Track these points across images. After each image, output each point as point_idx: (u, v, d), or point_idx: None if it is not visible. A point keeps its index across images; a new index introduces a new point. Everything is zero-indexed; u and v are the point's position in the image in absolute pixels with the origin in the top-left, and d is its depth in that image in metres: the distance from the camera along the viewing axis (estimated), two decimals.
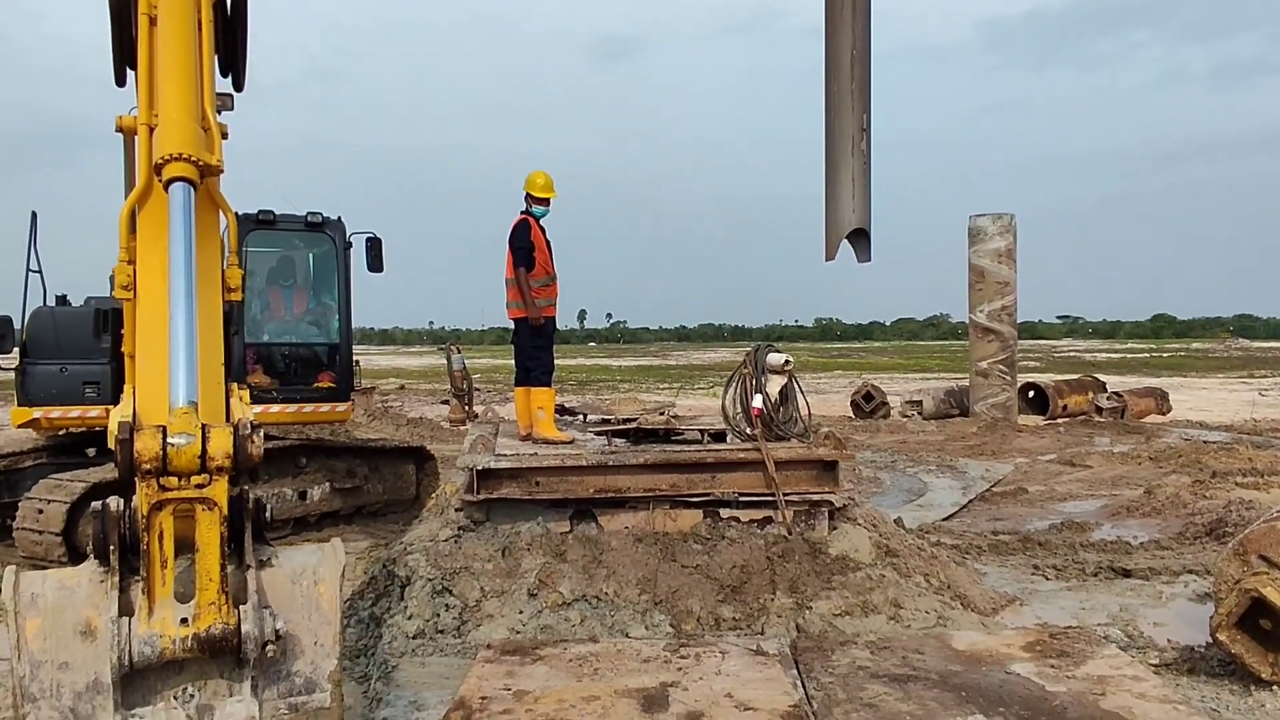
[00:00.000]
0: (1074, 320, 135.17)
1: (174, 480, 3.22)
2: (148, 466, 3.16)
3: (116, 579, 3.27)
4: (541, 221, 7.26)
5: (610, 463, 6.45)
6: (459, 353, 20.73)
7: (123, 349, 8.62)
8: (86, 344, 8.73)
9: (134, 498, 3.31)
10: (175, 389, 3.37)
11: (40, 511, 7.48)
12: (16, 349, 8.78)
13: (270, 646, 3.27)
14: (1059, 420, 19.40)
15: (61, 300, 9.12)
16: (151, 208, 4.13)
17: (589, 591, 5.88)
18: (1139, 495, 10.31)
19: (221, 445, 3.24)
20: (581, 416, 8.61)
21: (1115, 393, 20.53)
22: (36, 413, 8.55)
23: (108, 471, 7.84)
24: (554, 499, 6.39)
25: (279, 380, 9.32)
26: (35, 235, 8.82)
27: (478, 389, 25.62)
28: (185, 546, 3.32)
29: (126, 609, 3.23)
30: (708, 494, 6.50)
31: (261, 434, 3.40)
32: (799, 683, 4.68)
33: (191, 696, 3.28)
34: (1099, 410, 19.70)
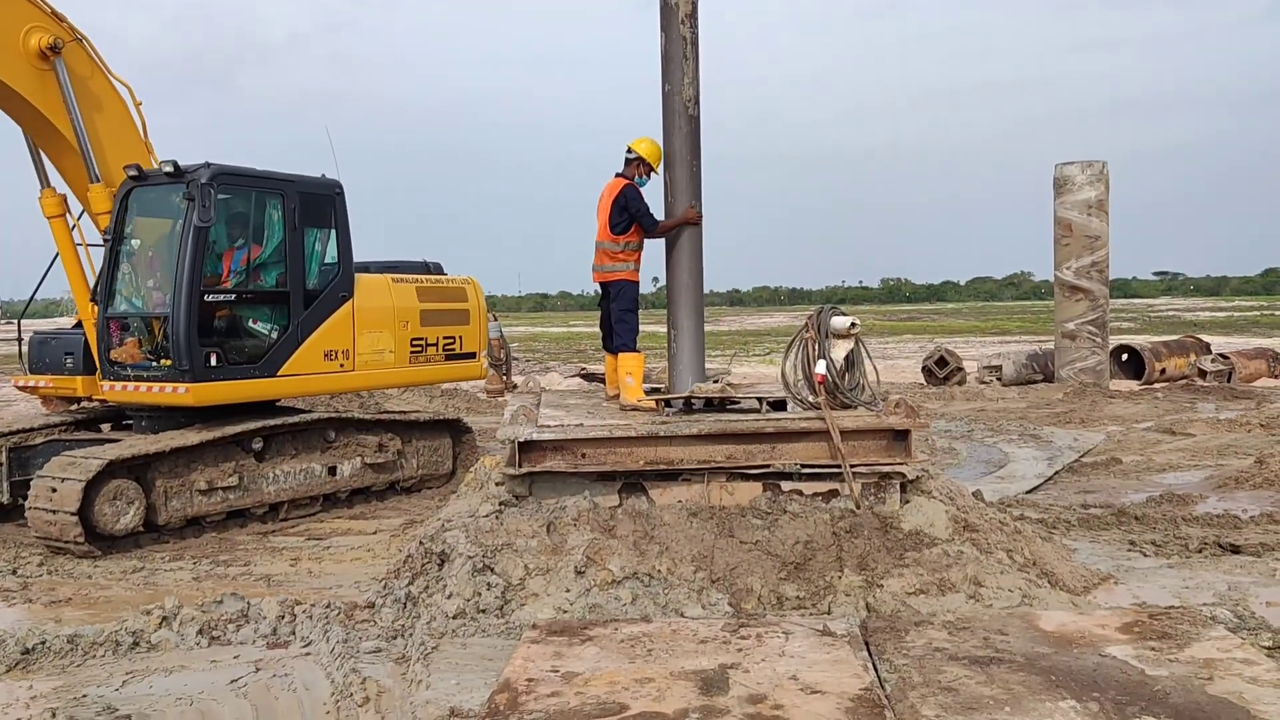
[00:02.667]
0: (1173, 276, 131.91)
1: None
2: None
3: None
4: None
5: (662, 433, 6.46)
6: (496, 320, 20.88)
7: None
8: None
9: None
10: None
11: (54, 490, 7.69)
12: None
13: None
14: (1156, 385, 19.02)
15: None
16: None
17: (640, 569, 5.92)
18: (1249, 465, 10.08)
19: None
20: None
21: (1221, 354, 20.05)
22: (33, 381, 9.21)
23: (124, 448, 8.05)
24: (602, 472, 6.43)
25: (148, 355, 8.65)
26: None
27: (516, 358, 25.81)
28: None
29: None
30: (767, 466, 6.49)
31: None
32: (870, 665, 4.68)
33: None
34: (1202, 374, 19.27)
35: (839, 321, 6.91)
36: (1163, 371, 19.49)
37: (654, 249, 7.67)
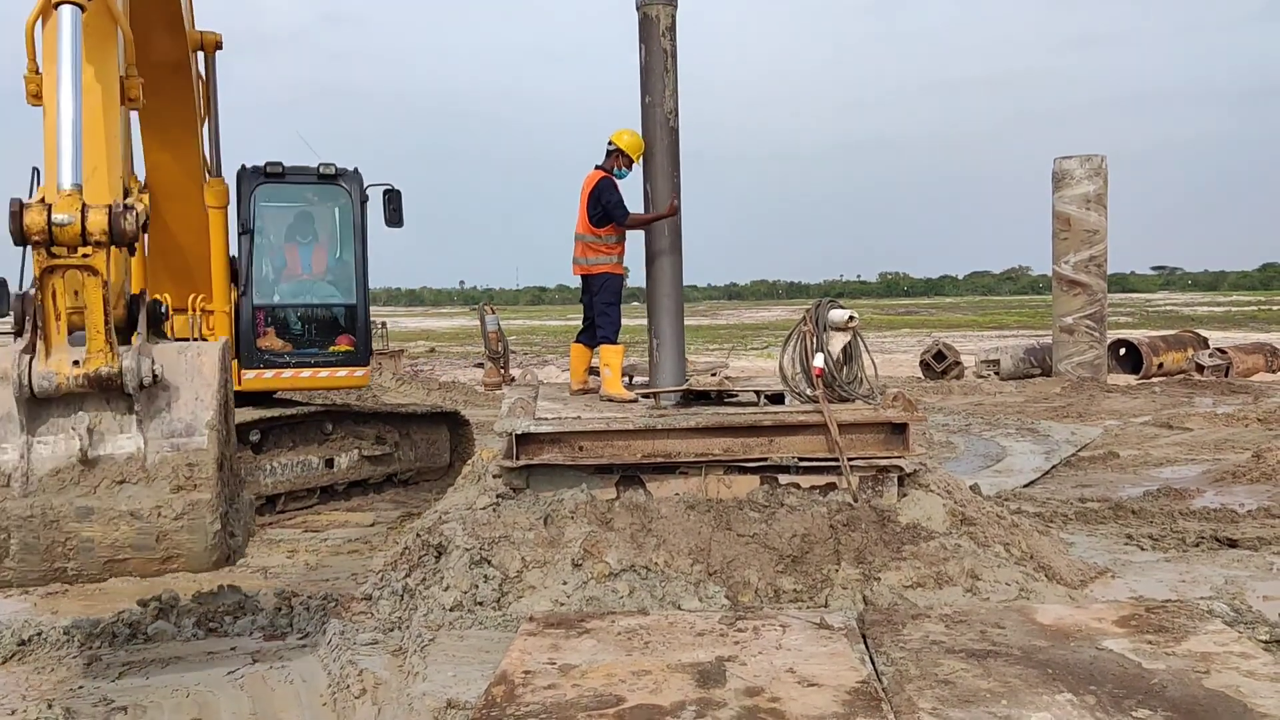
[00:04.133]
0: (1171, 271, 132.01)
1: (62, 250, 4.01)
2: (36, 238, 3.93)
3: (26, 337, 4.14)
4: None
5: (659, 426, 6.46)
6: (493, 313, 20.87)
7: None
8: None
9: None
10: (62, 173, 4.11)
11: None
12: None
13: (147, 382, 4.12)
14: (1154, 379, 19.05)
15: None
16: (50, 24, 4.58)
17: (638, 561, 5.92)
18: (1246, 460, 10.10)
19: (98, 223, 3.97)
20: (627, 378, 8.63)
21: (1218, 349, 20.08)
22: None
23: None
24: (599, 464, 6.43)
25: (292, 344, 9.37)
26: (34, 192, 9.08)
27: (514, 351, 25.81)
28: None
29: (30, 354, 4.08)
30: (765, 459, 6.49)
31: (135, 213, 4.07)
32: (867, 658, 4.68)
33: (85, 424, 4.14)
34: (1200, 368, 19.30)
35: (837, 315, 6.91)
36: (1160, 366, 19.51)
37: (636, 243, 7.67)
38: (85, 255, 4.03)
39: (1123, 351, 20.63)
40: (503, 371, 20.38)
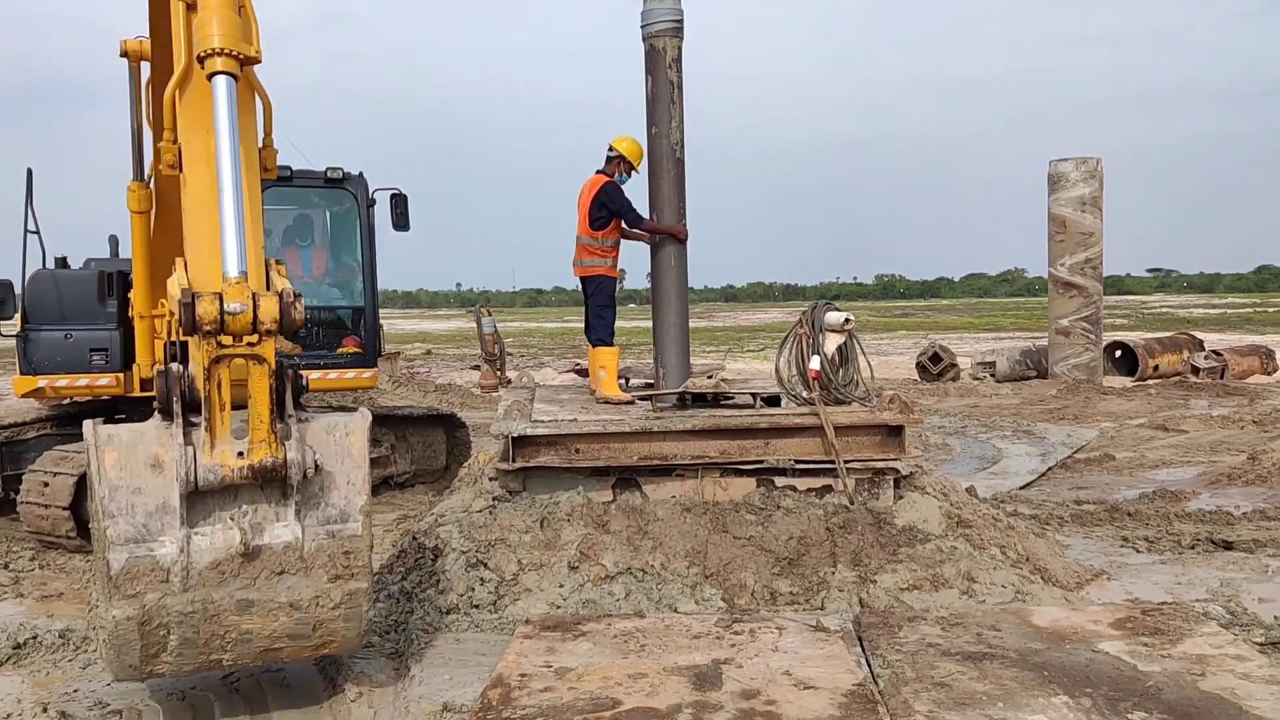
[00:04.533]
0: (1166, 273, 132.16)
1: (229, 339, 4.02)
2: (208, 328, 3.96)
3: (180, 424, 4.11)
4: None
5: (656, 428, 6.46)
6: (490, 315, 20.86)
7: (130, 313, 8.87)
8: (91, 308, 8.84)
9: (190, 361, 4.22)
10: (228, 261, 4.10)
11: (46, 485, 7.65)
12: (17, 315, 8.93)
13: (310, 474, 4.13)
14: (1150, 381, 19.07)
15: (61, 262, 9.25)
16: (193, 92, 4.64)
17: (634, 564, 5.92)
18: (1242, 462, 10.10)
19: (269, 311, 4.02)
20: (624, 380, 8.62)
21: (1214, 351, 20.10)
22: (40, 381, 8.73)
23: None
24: (595, 467, 6.42)
25: (300, 346, 9.42)
26: (31, 194, 8.98)
27: (510, 353, 25.80)
28: (237, 406, 4.14)
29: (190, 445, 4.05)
30: (761, 461, 6.49)
31: (302, 301, 4.15)
32: (863, 660, 4.68)
33: (246, 517, 4.12)
34: (1195, 370, 19.32)
35: (833, 317, 6.91)
36: (1156, 368, 19.54)
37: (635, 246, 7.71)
38: (251, 344, 4.05)
39: (1118, 354, 20.66)
40: (499, 374, 20.37)
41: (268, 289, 4.32)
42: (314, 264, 10.02)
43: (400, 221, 9.69)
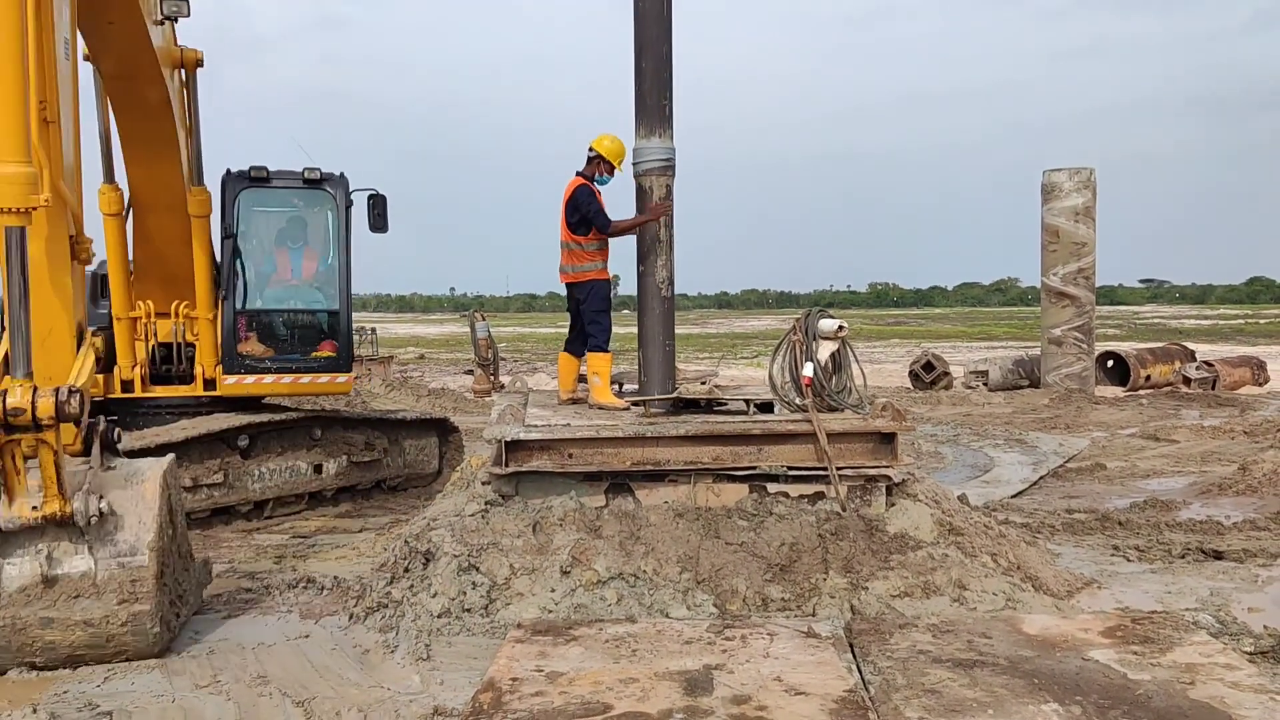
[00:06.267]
0: (1159, 284, 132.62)
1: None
2: None
3: None
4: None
5: (649, 434, 6.46)
6: (483, 320, 20.86)
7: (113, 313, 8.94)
8: (86, 309, 8.90)
9: None
10: (15, 366, 4.97)
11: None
12: None
13: (94, 520, 5.02)
14: (1141, 391, 19.14)
15: None
16: None
17: (626, 569, 5.91)
18: (1232, 472, 10.14)
19: (46, 409, 4.78)
20: (616, 386, 8.63)
21: (1205, 362, 20.19)
22: None
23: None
24: (588, 472, 6.41)
25: (275, 349, 9.27)
26: None
27: (503, 358, 25.79)
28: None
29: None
30: (753, 467, 6.49)
31: (79, 396, 4.88)
32: (854, 667, 4.69)
33: (43, 552, 5.06)
34: (1187, 381, 19.40)
35: (826, 325, 6.93)
36: (1148, 378, 19.60)
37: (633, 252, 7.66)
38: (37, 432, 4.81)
39: (1110, 364, 20.73)
40: (492, 378, 20.36)
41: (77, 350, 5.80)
42: (291, 266, 9.85)
43: (378, 223, 9.56)
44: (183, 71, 8.74)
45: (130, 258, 9.02)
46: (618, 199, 7.59)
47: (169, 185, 8.78)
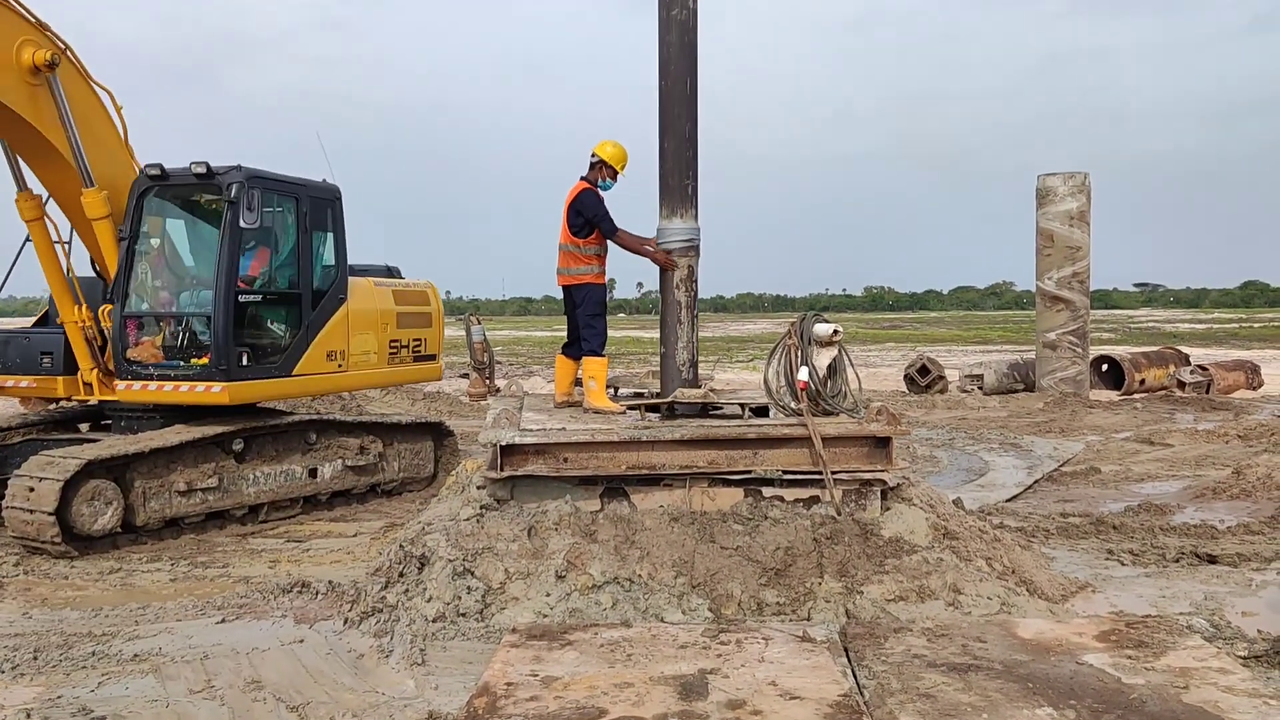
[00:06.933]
0: (1153, 288, 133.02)
1: None
2: None
3: None
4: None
5: (644, 438, 6.46)
6: (479, 324, 20.83)
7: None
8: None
9: None
10: None
11: (31, 490, 7.61)
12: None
13: None
14: (1136, 395, 19.17)
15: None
16: None
17: (621, 574, 5.91)
18: (1226, 476, 10.17)
19: None
20: (612, 390, 8.63)
21: (1200, 366, 20.21)
22: (8, 381, 9.07)
23: (102, 449, 7.99)
24: (584, 476, 6.42)
25: (163, 355, 8.80)
26: None
27: (499, 362, 25.76)
28: None
29: None
30: (749, 471, 6.50)
31: None
32: (849, 671, 4.69)
33: None
34: (1181, 385, 19.43)
35: (822, 329, 6.93)
36: (1142, 382, 19.63)
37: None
38: None
39: (1105, 368, 20.76)
40: (488, 382, 20.34)
41: None
42: (180, 267, 9.37)
43: (247, 217, 8.54)
44: (54, 76, 8.36)
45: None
46: (618, 200, 7.63)
47: (70, 191, 8.75)
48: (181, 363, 8.70)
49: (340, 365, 9.64)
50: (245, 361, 8.67)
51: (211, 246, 8.88)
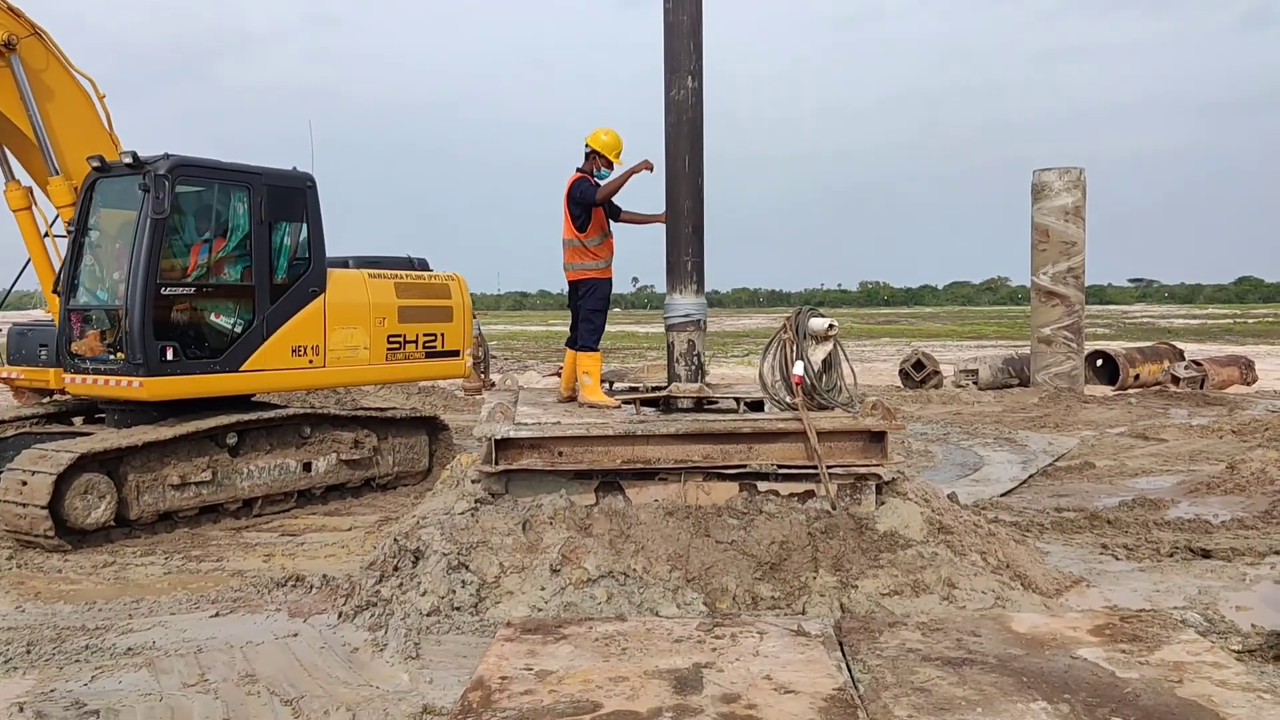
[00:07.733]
0: (1148, 283, 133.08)
1: None
2: None
3: None
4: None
5: (639, 432, 6.46)
6: (475, 318, 20.79)
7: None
8: None
9: None
10: None
11: (24, 483, 7.59)
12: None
13: None
14: (1130, 391, 19.20)
15: None
16: None
17: (616, 568, 5.91)
18: (1220, 471, 10.19)
19: None
20: (607, 385, 8.62)
21: (1194, 361, 20.27)
22: (14, 372, 9.06)
23: (96, 442, 7.97)
24: (578, 470, 6.41)
25: (103, 348, 8.72)
26: None
27: (494, 356, 25.74)
28: None
29: None
30: (744, 466, 6.49)
31: None
32: (843, 665, 4.69)
33: None
34: (1175, 380, 19.47)
35: (817, 323, 6.93)
36: (1137, 377, 19.67)
37: (629, 249, 7.65)
38: None
39: (1099, 363, 20.79)
40: (483, 377, 20.31)
41: None
42: (111, 259, 9.14)
43: (157, 207, 8.24)
44: (14, 57, 8.34)
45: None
46: (620, 199, 7.59)
47: (40, 176, 8.80)
48: (110, 356, 8.56)
49: (312, 361, 9.37)
50: (171, 356, 8.38)
51: (129, 237, 8.62)
